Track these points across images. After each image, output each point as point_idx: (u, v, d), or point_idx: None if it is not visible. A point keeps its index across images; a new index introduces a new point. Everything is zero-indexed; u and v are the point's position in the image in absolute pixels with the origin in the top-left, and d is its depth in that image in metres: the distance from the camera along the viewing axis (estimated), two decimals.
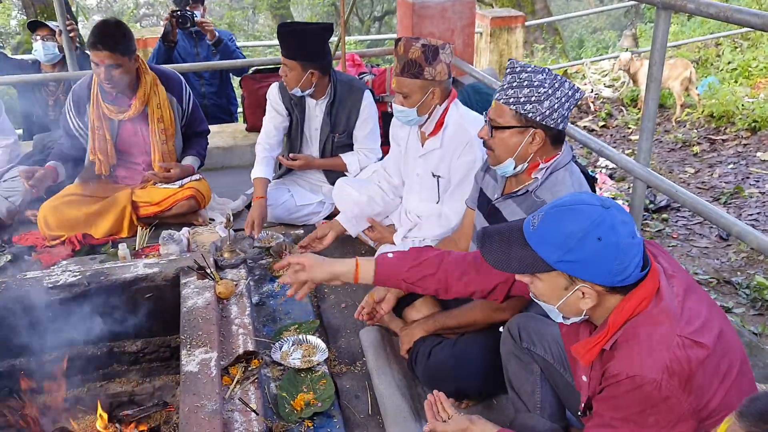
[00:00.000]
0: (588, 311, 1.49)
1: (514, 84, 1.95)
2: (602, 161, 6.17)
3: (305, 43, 3.04)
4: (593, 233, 1.39)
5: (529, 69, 1.94)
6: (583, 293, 1.45)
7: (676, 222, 4.95)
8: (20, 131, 4.58)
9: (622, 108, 7.66)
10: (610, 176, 5.83)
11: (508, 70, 1.99)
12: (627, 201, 5.10)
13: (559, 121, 1.95)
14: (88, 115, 3.20)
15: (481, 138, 2.08)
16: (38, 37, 4.09)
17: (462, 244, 2.43)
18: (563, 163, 2.02)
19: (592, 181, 2.62)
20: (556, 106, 1.92)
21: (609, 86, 8.18)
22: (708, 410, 1.40)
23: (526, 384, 1.92)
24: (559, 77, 1.95)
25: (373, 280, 1.94)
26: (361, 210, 2.96)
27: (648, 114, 2.60)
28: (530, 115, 1.93)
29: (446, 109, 2.63)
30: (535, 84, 1.91)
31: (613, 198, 5.18)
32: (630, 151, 6.32)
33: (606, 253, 1.38)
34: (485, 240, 1.58)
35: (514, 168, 2.04)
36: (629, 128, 7.15)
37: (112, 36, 2.98)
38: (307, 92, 3.13)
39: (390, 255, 1.93)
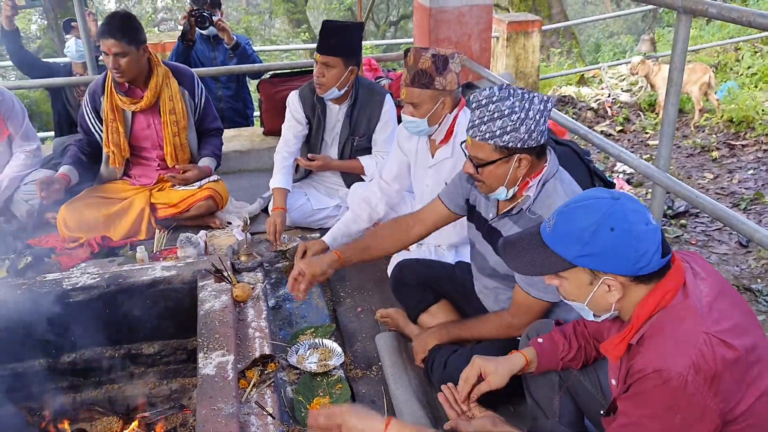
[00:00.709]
0: (617, 306, 1.50)
1: (485, 118, 1.90)
2: (619, 166, 6.12)
3: (348, 38, 3.07)
4: (605, 224, 1.42)
5: (495, 98, 1.89)
6: (608, 286, 1.47)
7: (695, 228, 4.89)
8: (52, 133, 4.66)
9: (640, 113, 7.60)
10: (628, 181, 5.78)
11: (474, 105, 1.93)
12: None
13: (539, 138, 1.91)
14: (102, 108, 3.24)
15: (467, 174, 2.05)
16: (72, 36, 4.17)
17: (415, 231, 2.36)
18: (552, 173, 2.00)
19: (610, 186, 2.61)
20: (532, 127, 1.88)
21: (626, 91, 8.12)
22: (734, 415, 1.38)
23: (544, 390, 1.91)
24: (527, 95, 1.89)
25: (537, 367, 1.86)
26: (347, 229, 2.92)
27: (668, 119, 2.57)
28: (511, 144, 1.90)
29: (456, 117, 2.62)
30: (506, 113, 1.87)
31: None
32: (648, 156, 6.26)
33: (621, 242, 1.41)
34: (506, 249, 1.61)
35: (507, 194, 2.02)
36: (647, 133, 7.09)
37: (119, 25, 3.05)
38: (342, 91, 3.14)
39: (540, 341, 1.87)
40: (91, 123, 3.30)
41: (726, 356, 1.37)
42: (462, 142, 2.04)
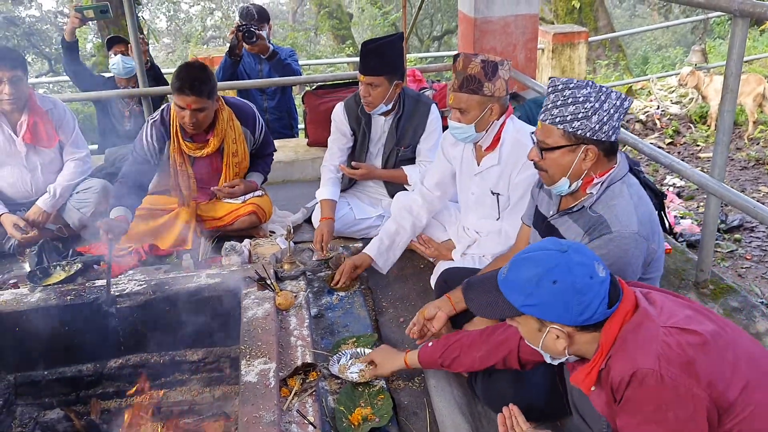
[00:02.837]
0: (572, 350, 1.56)
1: (559, 103, 1.90)
2: (669, 179, 5.96)
3: (389, 54, 3.07)
4: (547, 277, 1.48)
5: (572, 85, 1.89)
6: (556, 335, 1.53)
7: (750, 243, 4.72)
8: (95, 146, 4.78)
9: (690, 125, 7.40)
10: (678, 195, 5.62)
11: (550, 89, 1.93)
12: (697, 220, 4.90)
13: (610, 133, 1.89)
14: (167, 148, 3.25)
15: (532, 160, 2.04)
16: (117, 52, 4.29)
17: None
18: (620, 175, 1.96)
19: (661, 197, 2.53)
20: (605, 119, 1.86)
21: (676, 102, 7.92)
22: (728, 401, 1.40)
23: (592, 407, 1.84)
24: (604, 88, 1.88)
25: (420, 365, 2.20)
26: (391, 241, 2.92)
27: (723, 126, 2.48)
28: (579, 132, 1.88)
29: (503, 125, 2.59)
30: (581, 100, 1.86)
31: (682, 217, 4.98)
32: (699, 168, 6.08)
33: (563, 295, 1.47)
34: (468, 289, 1.69)
35: (569, 186, 1.99)
36: (698, 145, 6.90)
37: (198, 80, 2.97)
38: (390, 105, 3.15)
39: (429, 344, 2.16)
40: (149, 152, 3.24)
41: (690, 341, 1.42)
42: (532, 132, 2.04)
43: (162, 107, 3.29)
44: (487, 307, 1.62)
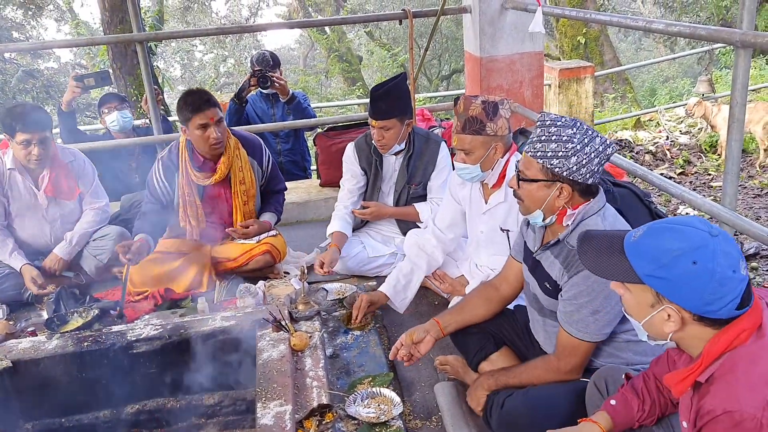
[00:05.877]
0: (674, 338, 1.46)
1: (543, 137, 1.93)
2: (682, 209, 5.94)
3: (397, 96, 3.15)
4: (690, 255, 1.36)
5: (559, 123, 1.92)
6: (668, 315, 1.42)
7: (767, 271, 4.66)
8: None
9: (701, 154, 7.40)
10: None
11: (539, 123, 1.97)
12: None
13: (587, 176, 1.91)
14: (176, 182, 3.33)
15: (511, 187, 2.08)
16: (112, 109, 4.22)
17: (503, 289, 2.36)
18: (595, 209, 1.97)
19: None
20: (584, 162, 1.89)
21: (685, 133, 7.94)
22: None
23: None
24: (591, 132, 1.92)
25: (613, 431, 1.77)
26: (407, 281, 2.90)
27: (731, 156, 2.49)
28: (557, 169, 1.91)
29: (507, 162, 2.63)
30: (564, 139, 1.89)
31: None
32: (712, 197, 6.06)
33: (699, 279, 1.35)
34: (584, 242, 1.58)
35: (543, 219, 2.02)
36: (709, 174, 6.88)
37: (207, 94, 3.22)
38: (403, 144, 3.22)
39: (613, 402, 1.76)
40: (161, 191, 3.37)
41: None
42: (518, 161, 2.06)
43: (170, 144, 3.39)
44: (600, 265, 1.51)
